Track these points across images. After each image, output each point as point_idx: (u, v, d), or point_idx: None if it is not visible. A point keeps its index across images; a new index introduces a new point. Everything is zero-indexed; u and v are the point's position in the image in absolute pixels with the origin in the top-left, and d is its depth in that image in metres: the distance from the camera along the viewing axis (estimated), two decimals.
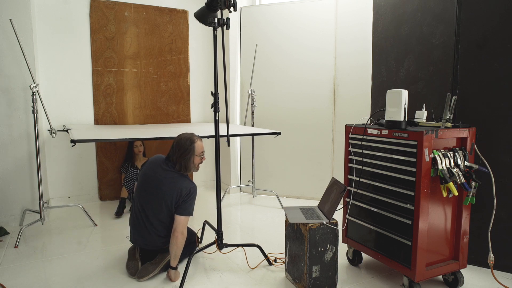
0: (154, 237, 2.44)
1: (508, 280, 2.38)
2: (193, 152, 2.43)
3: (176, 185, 2.37)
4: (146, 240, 2.46)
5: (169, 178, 2.40)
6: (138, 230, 2.48)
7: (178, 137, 2.47)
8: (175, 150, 2.43)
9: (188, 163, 2.43)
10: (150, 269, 2.40)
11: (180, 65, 4.60)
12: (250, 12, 4.46)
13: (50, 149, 3.94)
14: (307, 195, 4.38)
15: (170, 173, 2.43)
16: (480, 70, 2.47)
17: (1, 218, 3.44)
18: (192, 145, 2.42)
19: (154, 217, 2.41)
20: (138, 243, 2.51)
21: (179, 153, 2.41)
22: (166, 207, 2.39)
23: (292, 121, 4.35)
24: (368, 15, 3.50)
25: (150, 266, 2.42)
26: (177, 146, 2.43)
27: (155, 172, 2.44)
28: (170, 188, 2.37)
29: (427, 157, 2.05)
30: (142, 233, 2.46)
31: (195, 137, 2.46)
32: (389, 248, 2.31)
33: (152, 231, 2.43)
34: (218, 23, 2.39)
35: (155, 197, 2.41)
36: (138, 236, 2.48)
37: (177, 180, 2.39)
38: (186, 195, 2.36)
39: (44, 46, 3.85)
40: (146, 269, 2.40)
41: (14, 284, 2.36)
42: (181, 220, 2.36)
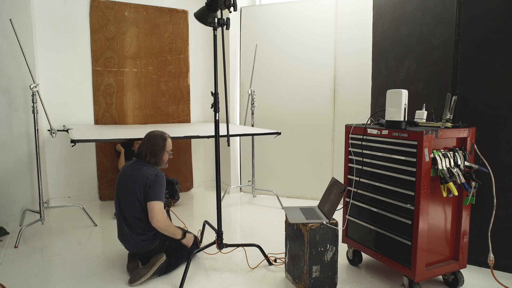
0: (135, 238, 2.40)
1: (508, 280, 2.38)
2: (165, 149, 2.51)
3: (141, 172, 2.39)
4: (130, 244, 2.42)
5: (136, 169, 2.43)
6: (122, 236, 2.46)
7: (150, 134, 2.53)
8: (147, 146, 2.48)
9: (159, 158, 2.50)
10: (142, 273, 2.36)
11: (180, 65, 4.60)
12: (250, 12, 4.46)
13: (50, 149, 3.94)
14: (307, 195, 4.38)
15: (137, 165, 2.46)
16: (480, 70, 2.47)
17: (1, 218, 3.44)
18: (164, 142, 2.51)
19: (130, 215, 2.39)
20: (128, 249, 2.49)
21: (152, 149, 2.47)
22: (137, 199, 2.36)
23: (292, 121, 4.35)
24: (368, 15, 3.50)
25: (142, 270, 2.38)
26: (149, 141, 2.48)
27: (125, 170, 2.48)
28: (137, 177, 2.38)
29: (427, 157, 2.05)
30: (126, 237, 2.43)
31: (167, 135, 2.55)
32: (389, 248, 2.31)
33: (133, 232, 2.40)
34: (218, 23, 2.39)
35: (126, 193, 2.40)
36: (124, 241, 2.47)
37: (142, 168, 2.42)
38: (152, 180, 2.35)
39: (44, 46, 3.85)
40: (138, 273, 2.36)
41: (14, 284, 2.36)
42: (152, 207, 2.32)
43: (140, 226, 2.39)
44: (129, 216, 2.39)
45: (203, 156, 4.96)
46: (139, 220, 2.39)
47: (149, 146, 2.48)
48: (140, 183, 2.36)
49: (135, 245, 2.41)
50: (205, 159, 4.98)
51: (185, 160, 4.76)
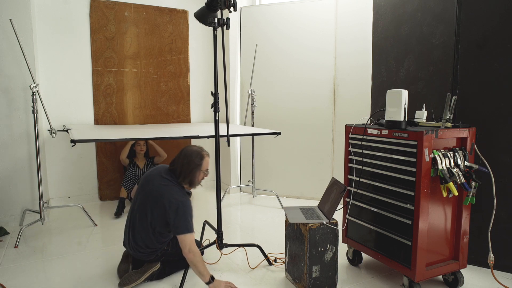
0: (137, 244, 2.32)
1: (508, 280, 2.38)
2: (200, 168, 2.33)
3: (166, 193, 2.22)
4: (131, 246, 2.36)
5: (163, 185, 2.26)
6: (127, 233, 2.39)
7: (187, 149, 2.34)
8: (182, 163, 2.30)
9: (194, 178, 2.33)
10: (133, 279, 2.28)
11: (180, 65, 4.60)
12: (250, 12, 4.46)
13: (50, 149, 3.94)
14: (307, 195, 4.38)
15: (166, 181, 2.29)
16: (480, 70, 2.47)
17: (1, 218, 3.44)
18: (201, 161, 2.32)
19: (140, 223, 2.30)
20: (126, 247, 2.42)
21: (187, 167, 2.29)
22: (152, 216, 2.25)
23: (292, 121, 4.35)
24: (368, 15, 3.50)
25: (134, 275, 2.31)
26: (185, 159, 2.30)
27: (153, 179, 2.32)
28: (159, 197, 2.23)
29: (427, 157, 2.05)
30: (129, 238, 2.36)
31: (204, 153, 2.36)
32: (389, 248, 2.31)
33: (137, 238, 2.32)
34: (218, 23, 2.39)
35: (144, 202, 2.29)
36: (127, 239, 2.39)
37: (168, 188, 2.25)
38: (175, 210, 2.18)
39: (44, 46, 3.85)
40: (129, 277, 2.29)
41: (14, 284, 2.36)
42: (182, 239, 2.17)
43: (143, 238, 2.30)
44: (140, 224, 2.31)
45: None
46: (150, 237, 2.29)
47: (184, 164, 2.29)
48: (161, 205, 2.21)
49: (135, 248, 2.35)
50: None
51: None
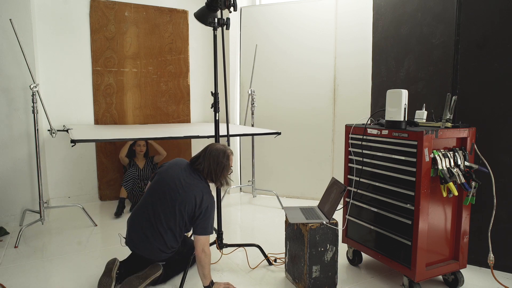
0: (155, 245, 2.20)
1: (508, 280, 2.38)
2: (228, 167, 2.28)
3: (194, 191, 2.17)
4: (144, 246, 2.22)
5: (191, 182, 2.20)
6: (138, 233, 2.23)
7: (213, 149, 2.27)
8: (209, 163, 2.24)
9: (223, 178, 2.27)
10: (135, 284, 2.17)
11: (180, 65, 4.60)
12: (250, 12, 4.46)
13: (50, 149, 3.94)
14: (307, 195, 4.38)
15: (195, 180, 2.23)
16: (480, 70, 2.47)
17: (1, 218, 3.44)
18: (228, 161, 2.27)
19: (164, 222, 2.18)
20: (134, 247, 2.27)
21: (215, 167, 2.23)
22: (180, 214, 2.17)
23: (292, 121, 4.35)
24: (368, 15, 3.50)
25: (135, 280, 2.19)
26: (213, 159, 2.24)
27: (178, 175, 2.23)
28: (188, 195, 2.17)
29: (427, 157, 2.05)
30: (143, 238, 2.21)
31: (229, 151, 2.30)
32: (389, 248, 2.31)
33: (156, 239, 2.19)
34: (218, 23, 2.39)
35: (170, 201, 2.18)
36: (137, 239, 2.23)
37: (196, 186, 2.20)
38: (203, 210, 2.16)
39: (44, 46, 3.85)
40: (130, 283, 2.17)
41: (14, 284, 2.36)
42: (199, 239, 2.15)
43: (166, 239, 2.20)
44: (162, 224, 2.18)
45: None
46: (170, 233, 2.20)
47: (212, 164, 2.23)
48: (191, 203, 2.16)
49: (150, 249, 2.21)
50: None
51: None
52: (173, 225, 2.19)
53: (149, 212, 2.22)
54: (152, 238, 2.20)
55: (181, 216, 2.18)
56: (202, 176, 2.26)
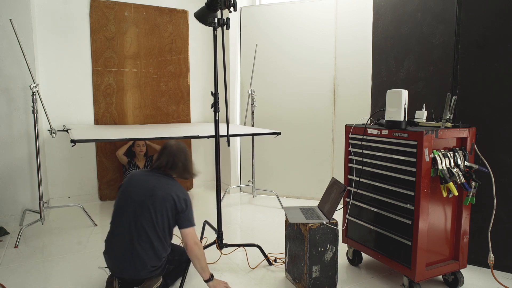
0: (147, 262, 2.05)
1: (508, 280, 2.38)
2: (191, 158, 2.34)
3: (171, 190, 2.13)
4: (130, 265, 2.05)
5: (166, 184, 2.16)
6: (119, 255, 2.07)
7: (175, 146, 2.26)
8: (180, 160, 2.24)
9: (191, 168, 2.31)
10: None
11: (180, 65, 4.60)
12: (250, 12, 4.46)
13: (50, 149, 3.94)
14: (307, 195, 4.38)
15: (167, 180, 2.20)
16: (480, 70, 2.47)
17: (1, 218, 3.44)
18: (188, 152, 2.32)
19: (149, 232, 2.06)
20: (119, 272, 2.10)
21: (186, 162, 2.26)
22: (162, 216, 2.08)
23: (292, 121, 4.35)
24: (368, 15, 3.50)
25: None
26: (182, 155, 2.25)
27: (148, 181, 2.16)
28: (166, 195, 2.10)
29: (427, 157, 2.05)
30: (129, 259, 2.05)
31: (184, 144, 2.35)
32: (389, 248, 2.31)
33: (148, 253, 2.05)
34: (218, 23, 2.39)
35: (152, 206, 2.07)
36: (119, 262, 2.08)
37: (172, 185, 2.17)
38: (183, 205, 2.12)
39: (44, 46, 3.85)
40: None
41: (14, 284, 2.36)
42: (188, 232, 2.11)
43: (159, 249, 2.09)
44: (151, 233, 2.06)
45: (203, 156, 4.96)
46: (160, 243, 2.09)
47: (184, 160, 2.24)
48: (170, 201, 2.09)
49: (140, 269, 2.05)
50: (205, 159, 4.97)
51: None
52: (160, 230, 2.08)
53: (131, 229, 2.06)
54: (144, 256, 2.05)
55: (165, 218, 2.09)
56: (170, 176, 2.25)
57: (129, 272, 2.07)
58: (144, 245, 2.05)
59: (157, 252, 2.08)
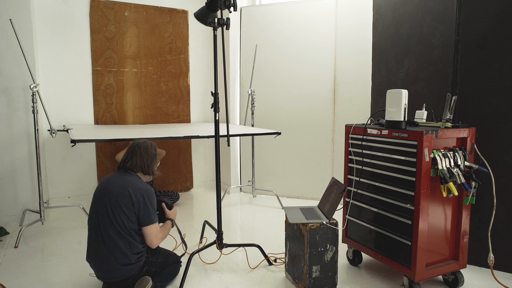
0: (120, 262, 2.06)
1: (508, 280, 2.38)
2: (157, 157, 2.33)
3: (129, 184, 2.11)
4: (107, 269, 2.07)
5: (124, 181, 2.15)
6: (98, 260, 2.10)
7: (139, 144, 2.27)
8: (140, 155, 2.24)
9: (154, 168, 2.30)
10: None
11: (180, 65, 4.60)
12: (250, 12, 4.46)
13: (50, 149, 3.94)
14: (307, 195, 4.38)
15: (126, 176, 2.18)
16: (480, 70, 2.47)
17: (1, 218, 3.44)
18: (156, 151, 2.32)
19: (111, 231, 2.06)
20: (104, 277, 2.13)
21: (146, 158, 2.25)
22: (120, 214, 2.06)
23: (292, 121, 4.35)
24: (368, 15, 3.50)
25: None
26: (143, 151, 2.25)
27: (109, 182, 2.17)
28: (122, 189, 2.10)
29: (427, 157, 2.05)
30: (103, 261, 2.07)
31: (154, 144, 2.37)
32: (389, 248, 2.31)
33: (113, 254, 2.06)
34: (218, 23, 2.39)
35: (109, 206, 2.07)
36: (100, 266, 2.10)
37: (129, 181, 2.14)
38: (141, 199, 2.10)
39: (44, 46, 3.85)
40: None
41: (14, 284, 2.36)
42: (150, 230, 2.12)
43: (127, 247, 2.07)
44: (114, 234, 2.06)
45: (203, 156, 4.96)
46: (125, 242, 2.07)
47: (144, 156, 2.24)
48: (126, 196, 2.08)
49: (114, 270, 2.07)
50: (205, 159, 4.98)
51: (185, 160, 4.76)
52: (121, 228, 2.06)
53: (97, 232, 2.10)
54: (112, 257, 2.06)
55: (123, 215, 2.06)
56: (133, 172, 2.24)
57: (107, 275, 2.10)
58: (109, 244, 2.06)
59: (124, 251, 2.07)
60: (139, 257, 2.13)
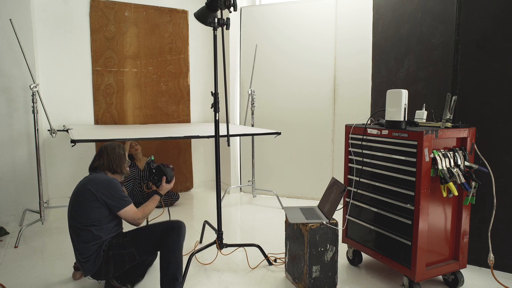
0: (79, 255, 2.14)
1: (508, 280, 2.38)
2: (125, 157, 2.38)
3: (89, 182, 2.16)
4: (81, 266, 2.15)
5: (84, 180, 2.21)
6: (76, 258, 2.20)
7: (108, 146, 2.34)
8: (108, 158, 2.30)
9: (123, 167, 2.34)
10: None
11: (180, 65, 4.60)
12: (250, 12, 4.46)
13: (50, 149, 3.94)
14: (307, 195, 4.38)
15: (88, 176, 2.24)
16: (480, 70, 2.47)
17: (1, 218, 3.44)
18: (124, 151, 2.37)
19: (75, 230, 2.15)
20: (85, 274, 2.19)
21: (114, 157, 2.30)
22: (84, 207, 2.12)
23: (292, 121, 4.35)
24: (368, 15, 3.50)
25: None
26: (110, 151, 2.31)
27: (76, 186, 2.23)
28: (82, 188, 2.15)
29: (427, 157, 2.05)
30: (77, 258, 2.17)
31: (122, 145, 2.42)
32: (389, 248, 2.31)
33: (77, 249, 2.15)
34: (218, 23, 2.39)
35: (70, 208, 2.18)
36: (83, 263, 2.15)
37: (91, 178, 2.19)
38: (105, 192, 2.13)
39: (44, 46, 3.85)
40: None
41: (14, 284, 2.36)
42: (123, 214, 2.17)
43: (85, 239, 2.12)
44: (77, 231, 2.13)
45: (203, 156, 4.96)
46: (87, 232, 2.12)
47: (111, 156, 2.30)
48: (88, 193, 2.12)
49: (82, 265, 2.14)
50: (205, 159, 4.98)
51: (185, 160, 4.76)
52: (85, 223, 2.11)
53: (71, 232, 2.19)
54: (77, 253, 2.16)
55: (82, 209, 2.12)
56: (100, 171, 2.29)
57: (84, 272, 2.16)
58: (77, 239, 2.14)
59: (85, 243, 2.12)
60: (98, 245, 2.13)
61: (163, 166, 2.44)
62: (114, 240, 2.18)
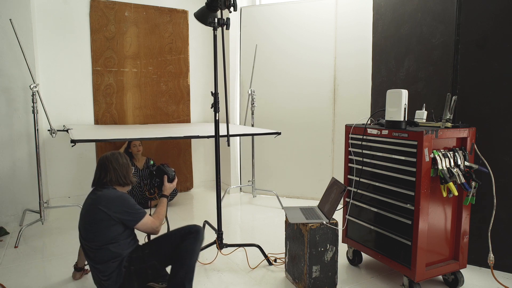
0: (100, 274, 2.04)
1: (508, 280, 2.38)
2: (130, 165, 2.26)
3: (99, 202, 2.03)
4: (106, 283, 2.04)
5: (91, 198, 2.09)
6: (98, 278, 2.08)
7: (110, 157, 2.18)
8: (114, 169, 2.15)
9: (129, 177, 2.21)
10: None
11: (180, 65, 4.60)
12: (250, 12, 4.46)
13: (50, 149, 3.94)
14: (307, 195, 4.38)
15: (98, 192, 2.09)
16: (480, 70, 2.47)
17: (1, 218, 3.44)
18: (127, 159, 2.24)
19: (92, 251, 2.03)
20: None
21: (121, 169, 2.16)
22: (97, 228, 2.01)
23: (292, 121, 4.35)
24: (368, 15, 3.50)
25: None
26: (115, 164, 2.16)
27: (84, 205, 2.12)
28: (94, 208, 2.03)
29: (427, 157, 2.05)
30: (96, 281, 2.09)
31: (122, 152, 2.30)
32: (389, 248, 2.31)
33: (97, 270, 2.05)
34: (218, 23, 2.39)
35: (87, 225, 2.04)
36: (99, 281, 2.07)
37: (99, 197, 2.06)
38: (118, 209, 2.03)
39: (44, 46, 3.85)
40: None
41: (14, 284, 2.36)
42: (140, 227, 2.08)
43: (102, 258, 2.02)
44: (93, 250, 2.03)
45: (203, 156, 4.96)
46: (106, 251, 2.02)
47: (117, 171, 2.15)
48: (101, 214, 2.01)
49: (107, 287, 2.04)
50: (205, 159, 4.98)
51: (185, 160, 4.76)
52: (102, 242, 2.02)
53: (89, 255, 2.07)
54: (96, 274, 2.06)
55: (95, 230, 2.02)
56: (109, 186, 2.14)
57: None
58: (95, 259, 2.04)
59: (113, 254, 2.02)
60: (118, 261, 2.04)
61: (163, 166, 2.42)
62: (134, 254, 2.09)
